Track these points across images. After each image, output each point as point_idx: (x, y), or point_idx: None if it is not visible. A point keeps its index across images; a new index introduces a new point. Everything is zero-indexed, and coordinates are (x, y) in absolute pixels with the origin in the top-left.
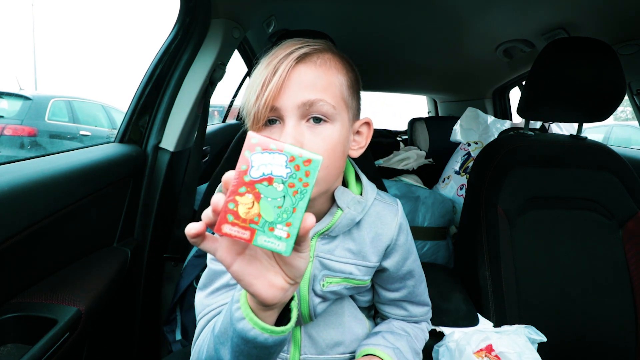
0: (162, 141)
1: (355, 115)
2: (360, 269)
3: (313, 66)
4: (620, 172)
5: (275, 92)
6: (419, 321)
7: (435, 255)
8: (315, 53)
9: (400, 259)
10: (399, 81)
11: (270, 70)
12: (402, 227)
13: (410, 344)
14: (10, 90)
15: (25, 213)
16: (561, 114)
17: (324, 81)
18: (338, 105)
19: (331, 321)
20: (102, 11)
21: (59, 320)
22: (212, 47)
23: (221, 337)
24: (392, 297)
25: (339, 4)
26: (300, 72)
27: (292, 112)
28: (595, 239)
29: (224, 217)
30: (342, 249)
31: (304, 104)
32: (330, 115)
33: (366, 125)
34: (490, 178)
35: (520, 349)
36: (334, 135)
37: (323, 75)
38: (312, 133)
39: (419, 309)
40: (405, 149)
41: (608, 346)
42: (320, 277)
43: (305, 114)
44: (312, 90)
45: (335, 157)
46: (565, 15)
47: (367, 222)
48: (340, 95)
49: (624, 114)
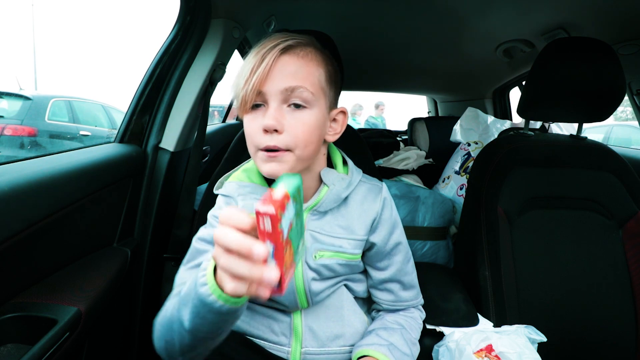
0: (162, 141)
1: (332, 104)
2: (350, 242)
3: (296, 57)
4: (620, 172)
5: (262, 78)
6: (409, 307)
7: (435, 255)
8: (299, 46)
9: (387, 232)
10: (399, 81)
11: (258, 59)
12: (386, 202)
13: (405, 336)
14: (10, 90)
15: (25, 213)
16: (561, 114)
17: (304, 71)
18: (316, 93)
19: (331, 314)
20: (102, 11)
21: (59, 320)
22: (212, 47)
23: (185, 299)
24: (382, 278)
25: (339, 4)
26: (285, 61)
27: (275, 96)
28: (595, 239)
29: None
30: (332, 224)
31: (286, 89)
32: (309, 101)
33: (342, 114)
34: (490, 178)
35: (520, 349)
36: (311, 119)
37: (304, 65)
38: (292, 117)
39: (408, 293)
40: (405, 149)
41: (608, 346)
42: (313, 249)
43: (286, 99)
44: (294, 78)
45: (312, 139)
46: (565, 15)
47: (354, 199)
48: (319, 84)
49: (624, 114)
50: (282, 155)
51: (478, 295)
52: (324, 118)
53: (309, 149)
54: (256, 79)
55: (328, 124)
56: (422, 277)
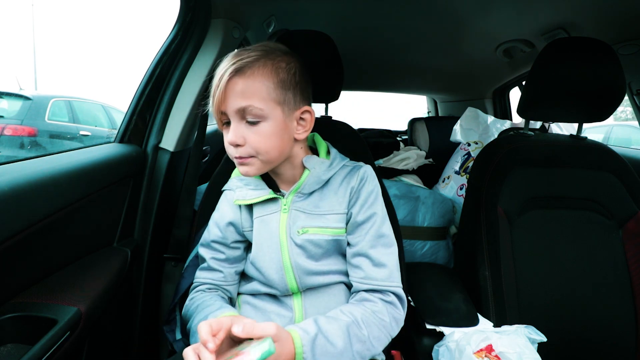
0: (162, 141)
1: (293, 108)
2: (332, 217)
3: (243, 77)
4: (620, 172)
5: (220, 100)
6: (380, 289)
7: (435, 255)
8: (246, 66)
9: (362, 203)
10: (399, 81)
11: (216, 82)
12: (366, 177)
13: (349, 329)
14: (10, 90)
15: (25, 213)
16: (561, 114)
17: (251, 89)
18: (267, 106)
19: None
20: (102, 11)
21: (59, 320)
22: (212, 47)
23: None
24: (352, 251)
25: (339, 4)
26: (234, 83)
27: (233, 115)
28: (595, 239)
29: None
30: (315, 204)
31: (238, 109)
32: (261, 115)
33: (307, 113)
34: (490, 178)
35: (520, 349)
36: (268, 129)
37: (250, 84)
38: (250, 131)
39: (378, 271)
40: (405, 149)
41: (608, 346)
42: (297, 226)
43: (242, 117)
44: (242, 98)
45: (273, 144)
46: (565, 15)
47: (336, 180)
48: (268, 97)
49: (624, 114)
50: (249, 161)
51: (478, 295)
52: (283, 124)
53: (273, 153)
54: (216, 101)
55: (294, 125)
56: (422, 277)
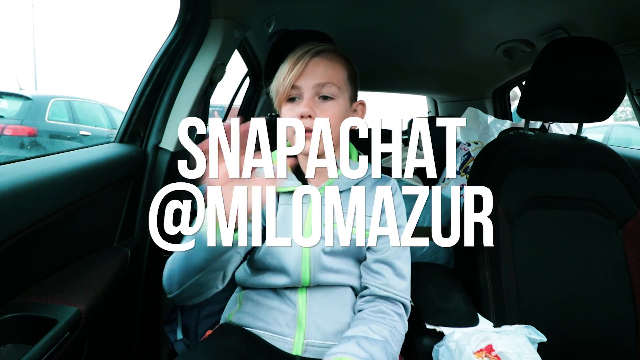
0: (162, 141)
1: (352, 98)
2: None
3: (325, 59)
4: (620, 172)
5: (298, 75)
6: (396, 299)
7: (435, 255)
8: (327, 50)
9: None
10: (399, 81)
11: (294, 61)
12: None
13: (386, 350)
14: (10, 90)
15: (25, 213)
16: (561, 114)
17: (332, 70)
18: (342, 88)
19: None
20: (102, 11)
21: (59, 320)
22: (212, 47)
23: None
24: (376, 257)
25: (339, 4)
26: (316, 62)
27: (308, 90)
28: (595, 239)
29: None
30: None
31: (317, 84)
32: (335, 94)
33: (361, 105)
34: (490, 178)
35: (520, 349)
36: (336, 109)
37: (331, 66)
38: (322, 106)
39: (399, 282)
40: (405, 149)
41: (608, 346)
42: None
43: (317, 93)
44: (323, 75)
45: (336, 124)
46: (565, 15)
47: (365, 185)
48: (343, 81)
49: (624, 114)
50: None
51: (478, 295)
52: (346, 109)
53: (334, 133)
54: (293, 74)
55: (350, 114)
56: (422, 277)
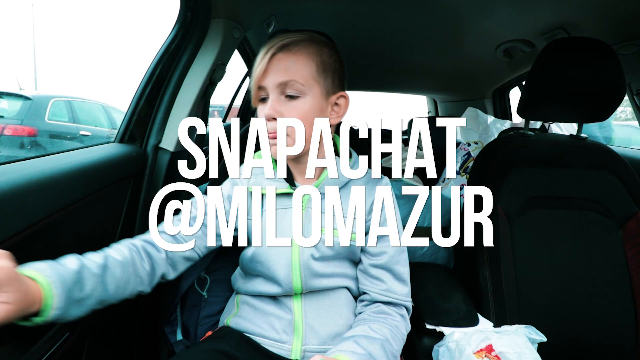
0: (162, 141)
1: (330, 91)
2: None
3: (288, 54)
4: (620, 172)
5: (261, 74)
6: (397, 303)
7: (435, 255)
8: (292, 44)
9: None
10: (399, 81)
11: (259, 59)
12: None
13: (387, 348)
14: (10, 90)
15: (25, 213)
16: (561, 114)
17: (295, 66)
18: (308, 83)
19: (332, 313)
20: (102, 11)
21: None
22: (212, 47)
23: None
24: (374, 263)
25: (339, 4)
26: (279, 59)
27: (273, 90)
28: (596, 239)
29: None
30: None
31: (280, 83)
32: (301, 90)
33: (342, 98)
34: (490, 178)
35: (520, 349)
36: (305, 106)
37: (295, 61)
38: (288, 106)
39: (400, 286)
40: (405, 149)
41: (608, 346)
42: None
43: (283, 91)
44: (286, 73)
45: (307, 124)
46: (565, 15)
47: (356, 185)
48: (310, 76)
49: (623, 114)
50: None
51: (478, 295)
52: (320, 104)
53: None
54: (257, 76)
55: (328, 108)
56: (422, 277)
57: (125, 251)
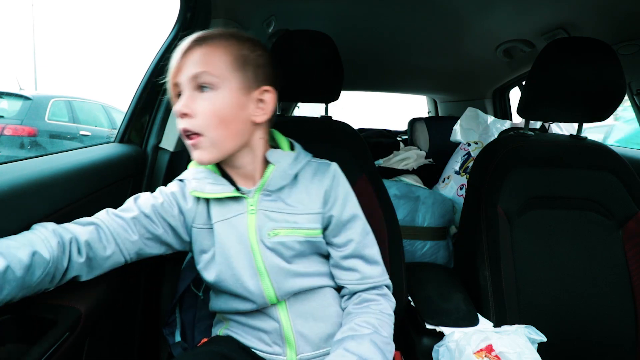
0: (162, 141)
1: (252, 85)
2: (305, 217)
3: (202, 46)
4: (620, 172)
5: (175, 71)
6: (376, 285)
7: (435, 255)
8: (208, 37)
9: (341, 204)
10: (399, 81)
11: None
12: (337, 177)
13: (376, 340)
14: (10, 90)
15: (24, 213)
16: (561, 114)
17: (208, 57)
18: (222, 75)
19: (319, 315)
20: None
21: (59, 320)
22: None
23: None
24: (343, 254)
25: (339, 4)
26: (192, 52)
27: (186, 84)
28: (595, 239)
29: None
30: (284, 202)
31: (193, 76)
32: (214, 83)
33: (267, 93)
34: (490, 178)
35: (520, 349)
36: (220, 100)
37: (208, 52)
38: (201, 98)
39: (372, 269)
40: (405, 149)
41: (608, 346)
42: (267, 228)
43: (196, 86)
44: (198, 64)
45: (225, 118)
46: (565, 15)
47: (304, 177)
48: (225, 66)
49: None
50: (199, 140)
51: (478, 295)
52: (238, 100)
53: (224, 131)
54: (171, 73)
55: (251, 105)
56: (422, 277)
57: (54, 246)
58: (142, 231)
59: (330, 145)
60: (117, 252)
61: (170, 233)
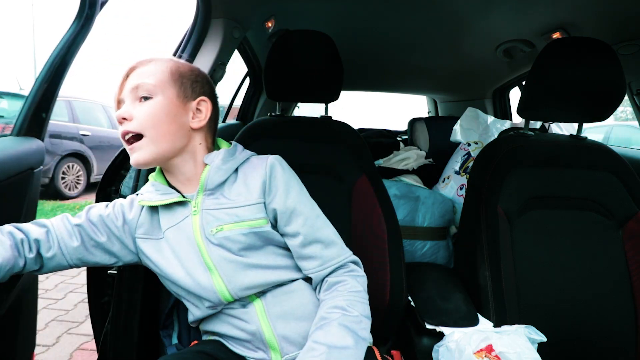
0: None
1: (189, 96)
2: (246, 208)
3: (141, 66)
4: (620, 172)
5: (119, 89)
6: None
7: (435, 255)
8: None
9: (283, 192)
10: (400, 81)
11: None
12: (274, 166)
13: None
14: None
15: None
16: (561, 114)
17: (147, 72)
18: (159, 85)
19: (299, 314)
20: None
21: None
22: (212, 47)
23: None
24: (299, 242)
25: (339, 4)
26: (134, 70)
27: (127, 97)
28: (596, 239)
29: None
30: (225, 197)
31: (132, 88)
32: (152, 90)
33: (204, 102)
34: (490, 178)
35: (520, 349)
36: (157, 106)
37: (147, 69)
38: (140, 106)
39: (331, 251)
40: (405, 149)
41: (608, 346)
42: (211, 225)
43: (136, 96)
44: (137, 77)
45: (161, 122)
46: (565, 15)
47: (243, 172)
48: (162, 77)
49: (624, 114)
50: (138, 144)
51: (478, 295)
52: (175, 107)
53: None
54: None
55: (190, 113)
56: (422, 277)
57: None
58: (85, 238)
59: (330, 145)
60: (59, 255)
61: (115, 243)
